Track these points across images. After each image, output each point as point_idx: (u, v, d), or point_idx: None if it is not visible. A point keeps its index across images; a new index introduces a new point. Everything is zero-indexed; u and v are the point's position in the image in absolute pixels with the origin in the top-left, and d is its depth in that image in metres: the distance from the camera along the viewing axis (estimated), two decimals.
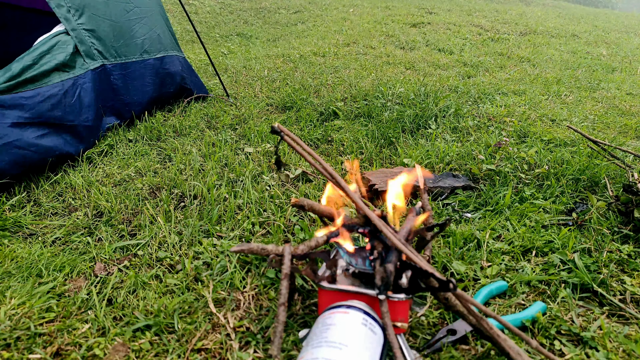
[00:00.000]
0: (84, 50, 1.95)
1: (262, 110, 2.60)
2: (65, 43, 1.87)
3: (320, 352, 0.74)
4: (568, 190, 1.66)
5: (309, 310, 1.06)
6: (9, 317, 1.01)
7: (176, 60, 2.59)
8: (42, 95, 1.72)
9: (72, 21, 1.92)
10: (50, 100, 1.74)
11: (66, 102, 1.80)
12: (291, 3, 7.31)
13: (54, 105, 1.75)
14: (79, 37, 1.93)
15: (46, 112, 1.73)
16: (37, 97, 1.70)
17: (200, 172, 1.80)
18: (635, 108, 2.83)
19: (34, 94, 1.70)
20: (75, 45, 1.90)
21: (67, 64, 1.85)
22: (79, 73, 1.90)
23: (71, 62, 1.88)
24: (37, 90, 1.71)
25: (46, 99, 1.72)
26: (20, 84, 1.67)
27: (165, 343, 0.97)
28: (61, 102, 1.78)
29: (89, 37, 1.98)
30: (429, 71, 3.62)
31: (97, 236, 1.40)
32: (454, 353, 0.93)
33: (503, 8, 7.98)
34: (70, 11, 1.91)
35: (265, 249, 0.96)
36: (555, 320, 1.03)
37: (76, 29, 1.93)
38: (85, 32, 1.97)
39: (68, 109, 1.81)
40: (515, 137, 2.16)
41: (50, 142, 1.74)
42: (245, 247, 0.95)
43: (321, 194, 1.65)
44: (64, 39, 1.87)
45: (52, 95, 1.75)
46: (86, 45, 1.96)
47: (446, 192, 1.64)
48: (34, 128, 1.69)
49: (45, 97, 1.72)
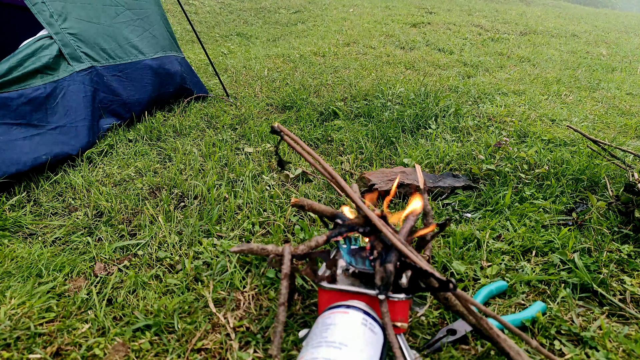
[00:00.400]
0: (69, 53, 1.98)
1: (262, 110, 2.60)
2: (49, 47, 1.90)
3: (320, 352, 0.74)
4: (568, 190, 1.66)
5: (309, 310, 1.07)
6: (9, 317, 1.01)
7: (175, 61, 2.59)
8: (25, 97, 1.75)
9: (56, 25, 1.95)
10: (33, 102, 1.77)
11: (49, 104, 1.83)
12: (291, 3, 7.31)
13: (36, 107, 1.78)
14: (62, 40, 1.96)
15: (29, 114, 1.75)
16: (21, 99, 1.73)
17: (200, 172, 1.80)
18: (635, 108, 2.83)
19: (17, 94, 1.73)
20: (59, 49, 1.93)
21: (50, 67, 1.88)
22: (63, 76, 1.93)
23: (54, 65, 1.91)
24: (21, 92, 1.74)
25: (29, 100, 1.75)
26: (6, 84, 1.69)
27: (165, 343, 0.97)
28: (43, 104, 1.81)
29: (74, 41, 2.01)
30: (429, 71, 3.62)
31: (97, 236, 1.41)
32: (454, 353, 0.93)
33: (503, 8, 7.98)
34: (53, 16, 1.94)
35: (265, 249, 0.96)
36: (555, 320, 1.03)
37: (60, 33, 1.95)
38: (70, 36, 2.00)
39: (50, 111, 1.84)
40: (515, 137, 2.16)
41: (38, 143, 1.76)
42: (245, 247, 0.95)
43: (321, 194, 1.65)
44: (47, 42, 1.90)
45: (34, 98, 1.77)
46: (71, 48, 1.99)
47: (446, 192, 1.64)
48: (20, 129, 1.71)
49: (29, 99, 1.75)
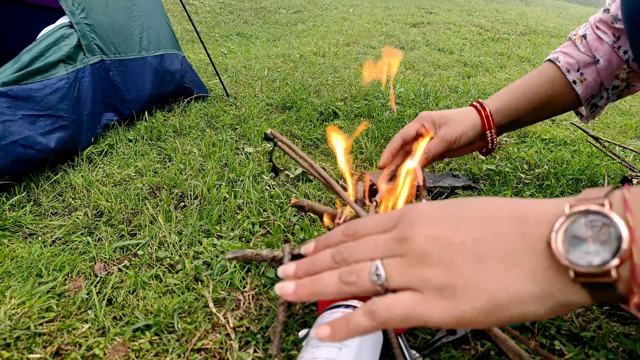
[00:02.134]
0: (86, 44, 1.95)
1: (262, 110, 2.60)
2: (70, 36, 1.87)
3: (320, 351, 0.74)
4: (568, 190, 1.66)
5: (309, 310, 1.07)
6: (9, 317, 1.01)
7: (176, 59, 2.58)
8: (50, 88, 1.68)
9: (77, 14, 1.92)
10: (58, 93, 1.71)
11: (70, 95, 1.79)
12: (291, 3, 7.30)
13: (61, 98, 1.72)
14: (82, 31, 1.93)
15: (55, 105, 1.70)
16: (46, 89, 1.67)
17: (200, 171, 1.80)
18: (635, 108, 2.83)
19: (41, 85, 1.66)
20: (78, 39, 1.90)
21: (71, 57, 1.85)
22: (80, 67, 1.90)
23: (75, 55, 1.88)
24: (45, 82, 1.68)
25: (54, 91, 1.69)
26: (29, 75, 1.64)
27: (165, 343, 0.97)
28: (67, 95, 1.76)
29: (89, 32, 1.98)
30: (429, 71, 3.62)
31: (97, 236, 1.41)
32: (454, 353, 0.93)
33: (503, 8, 7.98)
34: (74, 4, 1.91)
35: (259, 254, 0.96)
36: (555, 320, 1.03)
37: (80, 23, 1.93)
38: (87, 27, 1.97)
39: (73, 102, 1.80)
40: (515, 137, 2.16)
41: (57, 137, 1.72)
42: (239, 254, 0.95)
43: (321, 194, 1.65)
44: (68, 31, 1.87)
45: (59, 88, 1.72)
46: (87, 40, 1.97)
47: (446, 192, 1.64)
48: (43, 121, 1.65)
49: (53, 90, 1.69)
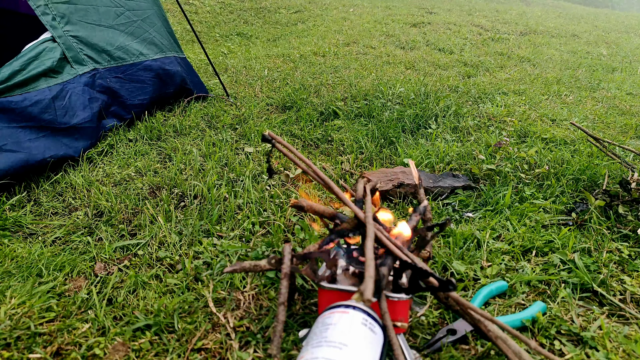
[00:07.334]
0: (72, 56, 1.98)
1: (262, 110, 2.60)
2: (52, 50, 1.90)
3: (320, 351, 0.74)
4: (568, 190, 1.66)
5: (309, 310, 1.07)
6: (9, 317, 1.01)
7: (175, 61, 2.58)
8: (29, 100, 1.74)
9: (59, 28, 1.95)
10: (39, 104, 1.76)
11: (56, 106, 1.83)
12: (291, 3, 7.30)
13: (43, 109, 1.78)
14: (66, 44, 1.96)
15: (37, 116, 1.75)
16: (25, 102, 1.73)
17: (201, 171, 1.80)
18: (635, 108, 2.83)
19: (21, 98, 1.72)
20: (62, 52, 1.93)
21: (54, 70, 1.88)
22: (67, 79, 1.93)
23: (59, 68, 1.91)
24: (25, 95, 1.74)
25: (34, 103, 1.75)
26: (8, 89, 1.69)
27: (165, 343, 0.97)
28: (50, 106, 1.81)
29: (76, 44, 2.02)
30: (429, 71, 3.62)
31: (97, 236, 1.41)
32: (454, 353, 0.93)
33: (503, 8, 7.98)
34: (55, 19, 1.94)
35: (258, 265, 0.97)
36: (555, 320, 1.03)
37: (63, 36, 1.95)
38: (73, 39, 2.00)
39: (59, 112, 1.84)
40: (515, 137, 2.16)
41: (45, 144, 1.77)
42: (237, 266, 0.96)
43: (321, 194, 1.65)
44: (51, 45, 1.90)
45: (40, 100, 1.77)
46: (74, 52, 1.99)
47: (446, 192, 1.64)
48: (26, 131, 1.71)
49: (33, 102, 1.75)
